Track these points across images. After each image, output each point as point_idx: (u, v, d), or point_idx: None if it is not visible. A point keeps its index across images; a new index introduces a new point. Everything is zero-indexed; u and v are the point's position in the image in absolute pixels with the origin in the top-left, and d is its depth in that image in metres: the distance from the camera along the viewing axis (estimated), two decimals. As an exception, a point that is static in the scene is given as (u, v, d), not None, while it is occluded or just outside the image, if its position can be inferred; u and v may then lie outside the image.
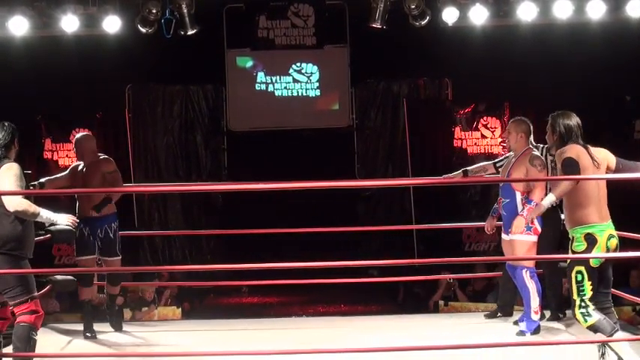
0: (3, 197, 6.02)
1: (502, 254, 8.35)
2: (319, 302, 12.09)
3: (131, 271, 10.52)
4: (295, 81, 14.36)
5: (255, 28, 14.14)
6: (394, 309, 11.02)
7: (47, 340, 7.71)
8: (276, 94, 14.39)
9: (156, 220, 14.12)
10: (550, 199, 6.10)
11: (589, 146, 6.22)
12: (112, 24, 11.36)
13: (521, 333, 7.60)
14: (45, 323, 8.51)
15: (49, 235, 6.52)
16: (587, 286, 5.93)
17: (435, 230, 9.99)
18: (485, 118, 13.93)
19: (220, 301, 12.85)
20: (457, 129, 13.96)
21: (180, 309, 10.22)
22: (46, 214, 6.24)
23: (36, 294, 6.26)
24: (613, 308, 6.19)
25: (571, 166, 6.01)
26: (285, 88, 14.37)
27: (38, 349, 6.79)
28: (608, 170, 6.18)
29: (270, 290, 12.55)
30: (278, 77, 14.37)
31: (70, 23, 11.24)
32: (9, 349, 6.62)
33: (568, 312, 8.32)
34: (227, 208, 14.10)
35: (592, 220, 5.95)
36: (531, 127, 7.82)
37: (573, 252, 6.05)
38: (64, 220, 6.39)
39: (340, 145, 14.18)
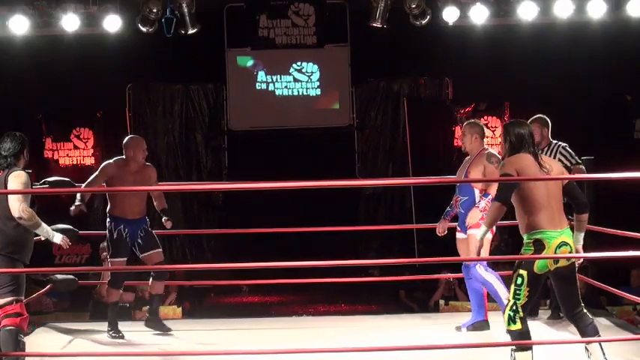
0: (9, 203, 6.16)
1: (503, 254, 8.38)
2: (320, 302, 12.09)
3: (131, 270, 10.56)
4: (296, 80, 14.35)
5: (256, 28, 14.13)
6: (395, 308, 11.01)
7: (48, 340, 7.73)
8: (277, 93, 14.38)
9: (156, 219, 14.07)
10: (482, 230, 6.01)
11: (541, 155, 6.08)
12: (112, 23, 11.38)
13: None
14: (44, 322, 8.54)
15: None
16: (524, 291, 5.79)
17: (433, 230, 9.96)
18: (485, 117, 13.91)
19: (221, 301, 12.85)
20: (457, 128, 13.94)
21: (180, 308, 10.21)
22: (45, 229, 6.34)
23: (22, 297, 6.32)
24: (584, 310, 6.02)
25: (504, 187, 5.90)
26: (286, 87, 14.36)
27: (39, 348, 6.81)
28: (562, 182, 5.96)
29: (271, 289, 12.55)
30: (278, 76, 14.37)
31: (70, 22, 11.25)
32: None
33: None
34: (227, 207, 14.11)
35: (541, 226, 5.82)
36: (484, 129, 7.88)
37: (525, 259, 5.88)
38: (58, 240, 6.47)
39: (341, 145, 14.18)
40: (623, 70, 13.09)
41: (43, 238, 6.48)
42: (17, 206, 6.13)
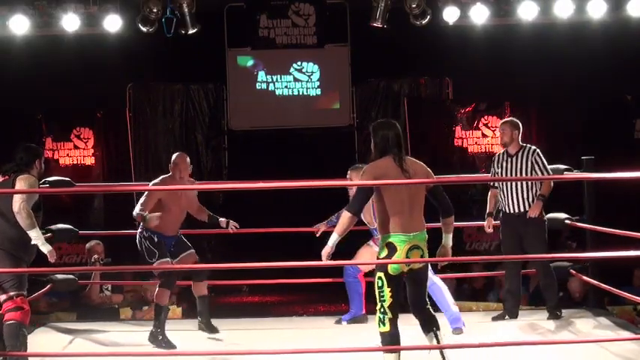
0: (14, 200, 6.43)
1: (502, 254, 8.39)
2: (320, 302, 12.08)
3: (131, 270, 10.56)
4: (296, 80, 14.36)
5: (256, 27, 14.13)
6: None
7: (48, 339, 7.73)
8: (277, 93, 14.38)
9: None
10: (333, 238, 6.01)
11: (406, 157, 6.06)
12: (112, 23, 11.39)
13: (459, 330, 7.70)
14: (45, 322, 8.54)
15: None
16: (387, 292, 5.83)
17: (436, 229, 9.93)
18: (485, 117, 13.91)
19: (221, 301, 12.82)
20: (458, 128, 13.95)
21: (180, 308, 10.21)
22: (37, 234, 6.53)
23: (25, 292, 6.55)
24: (427, 307, 6.07)
25: (356, 196, 5.95)
26: (286, 87, 14.37)
27: (39, 348, 6.82)
28: (427, 186, 6.05)
29: (271, 290, 12.54)
30: (279, 76, 14.37)
31: (70, 22, 11.27)
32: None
33: (566, 311, 8.35)
34: (228, 207, 14.08)
35: (393, 230, 5.86)
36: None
37: (378, 258, 5.97)
38: (46, 250, 6.60)
39: (341, 145, 14.18)
40: (623, 70, 13.08)
41: (32, 242, 6.57)
42: (19, 203, 6.40)
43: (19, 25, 11.19)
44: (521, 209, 8.15)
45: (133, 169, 13.79)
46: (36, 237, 6.53)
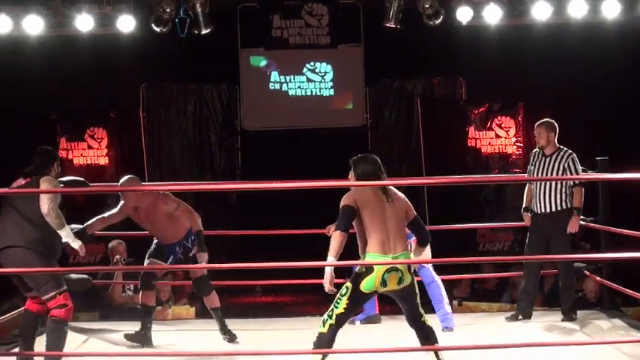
0: (41, 202, 6.61)
1: (517, 254, 8.38)
2: (333, 302, 12.06)
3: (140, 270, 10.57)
4: (309, 80, 14.35)
5: (269, 28, 14.11)
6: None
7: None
8: (290, 93, 14.38)
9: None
10: (329, 261, 6.01)
11: (388, 187, 6.17)
12: (126, 23, 11.41)
13: (450, 329, 7.77)
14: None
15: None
16: (343, 303, 5.96)
17: (449, 230, 9.96)
18: (499, 117, 13.88)
19: (234, 301, 12.83)
20: (471, 128, 13.93)
21: (194, 308, 10.21)
22: (67, 232, 6.76)
23: (65, 288, 6.70)
24: (422, 320, 6.12)
25: (341, 216, 6.04)
26: (299, 87, 14.36)
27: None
28: (407, 216, 6.11)
29: (285, 290, 12.53)
30: (292, 76, 14.36)
31: (84, 22, 11.29)
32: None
33: (580, 312, 8.34)
34: (241, 207, 14.11)
35: (371, 250, 5.98)
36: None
37: (356, 274, 6.03)
38: (76, 245, 6.87)
39: (354, 145, 14.11)
40: (637, 70, 13.04)
41: (63, 240, 6.78)
42: (47, 204, 6.58)
43: (34, 25, 11.22)
44: (549, 210, 8.15)
45: (147, 169, 13.81)
46: (66, 235, 6.74)
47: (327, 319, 6.00)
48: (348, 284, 6.02)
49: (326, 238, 8.20)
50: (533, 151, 8.46)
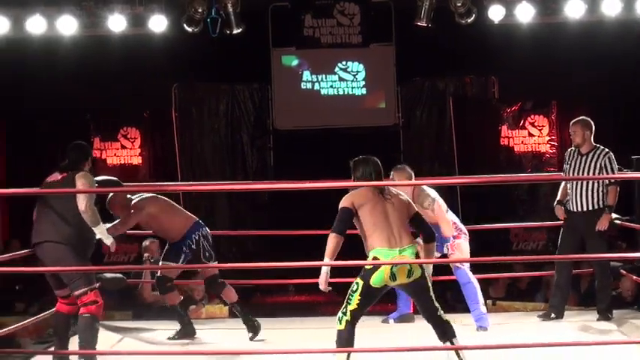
0: (78, 198, 6.64)
1: (551, 253, 8.33)
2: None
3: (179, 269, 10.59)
4: (341, 79, 14.34)
5: (301, 27, 14.12)
6: (444, 308, 10.94)
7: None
8: (322, 92, 14.37)
9: (203, 218, 14.14)
10: (325, 262, 6.09)
11: (386, 187, 6.21)
12: (158, 23, 11.45)
13: (484, 329, 7.72)
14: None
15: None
16: (356, 298, 6.01)
17: (482, 229, 9.92)
18: (532, 116, 13.82)
19: (267, 300, 12.86)
20: (504, 127, 13.87)
21: (227, 307, 10.21)
22: (102, 228, 6.82)
23: (96, 285, 6.74)
24: (439, 314, 6.12)
25: (338, 219, 6.10)
26: (331, 86, 14.36)
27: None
28: (408, 213, 6.14)
29: (318, 289, 12.48)
30: (324, 76, 14.36)
31: (117, 23, 11.34)
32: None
33: (616, 312, 8.27)
34: (273, 207, 14.13)
35: (377, 245, 6.01)
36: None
37: (365, 269, 6.05)
38: (108, 242, 6.93)
39: (386, 144, 14.12)
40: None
41: (97, 236, 6.83)
42: (84, 202, 6.62)
43: (67, 25, 11.29)
44: (585, 209, 8.09)
45: (179, 169, 13.86)
46: (101, 232, 6.80)
47: (342, 317, 6.06)
48: (359, 280, 6.05)
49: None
50: (569, 149, 8.39)
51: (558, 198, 8.41)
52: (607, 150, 8.15)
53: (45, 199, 6.78)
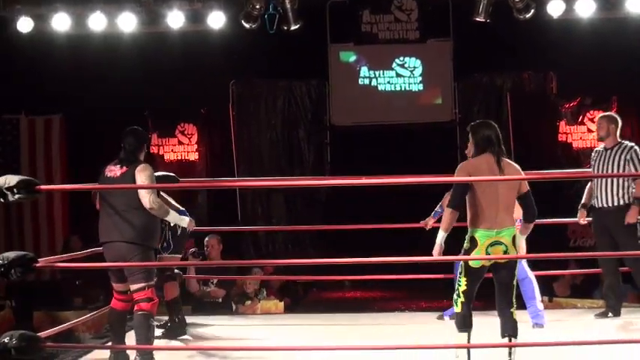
0: (140, 195, 6.58)
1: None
2: (422, 297, 12.01)
3: (231, 265, 10.67)
4: (398, 75, 14.32)
5: (359, 23, 14.13)
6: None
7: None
8: (379, 88, 14.37)
9: (259, 214, 14.27)
10: (440, 235, 6.12)
11: (504, 158, 6.20)
12: (216, 20, 11.50)
13: (540, 326, 7.69)
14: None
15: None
16: (463, 280, 6.07)
17: (540, 225, 9.81)
18: (591, 112, 13.66)
19: (323, 296, 12.89)
20: (562, 123, 13.76)
21: (282, 303, 10.27)
22: (173, 215, 6.96)
23: (153, 283, 6.73)
24: (511, 310, 6.11)
25: (453, 194, 6.12)
26: (388, 82, 14.34)
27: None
28: (519, 190, 6.14)
29: (373, 285, 12.53)
30: (381, 72, 14.35)
31: (175, 19, 11.41)
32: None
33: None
34: (330, 202, 14.15)
35: (478, 225, 6.02)
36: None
37: (464, 250, 6.10)
38: (185, 224, 7.25)
39: (443, 140, 14.08)
40: None
41: (172, 224, 7.06)
42: (148, 198, 6.56)
43: (127, 22, 11.39)
44: (611, 204, 8.02)
45: (237, 165, 13.93)
46: (173, 218, 6.98)
47: (457, 299, 6.14)
48: (462, 262, 6.11)
49: (417, 232, 8.21)
50: (595, 148, 8.36)
51: (583, 201, 8.33)
52: (632, 144, 8.08)
53: (105, 195, 6.74)
